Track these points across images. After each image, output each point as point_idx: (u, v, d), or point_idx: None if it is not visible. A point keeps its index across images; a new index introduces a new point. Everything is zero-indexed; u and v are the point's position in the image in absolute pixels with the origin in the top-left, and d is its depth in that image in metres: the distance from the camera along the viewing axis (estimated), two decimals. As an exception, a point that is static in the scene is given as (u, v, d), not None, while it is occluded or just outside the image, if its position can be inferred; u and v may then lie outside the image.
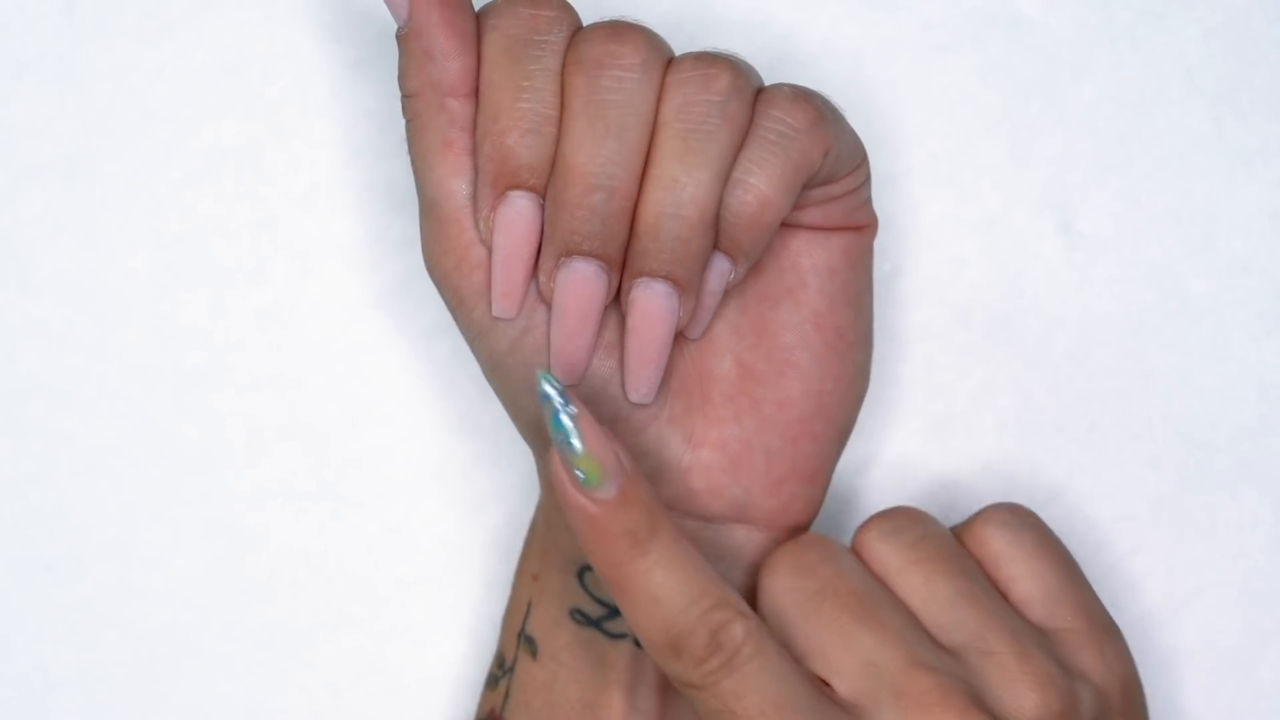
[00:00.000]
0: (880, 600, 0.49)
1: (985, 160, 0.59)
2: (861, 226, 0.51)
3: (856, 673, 0.48)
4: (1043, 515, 0.59)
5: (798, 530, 0.53)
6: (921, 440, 0.59)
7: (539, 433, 0.51)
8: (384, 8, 0.58)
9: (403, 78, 0.49)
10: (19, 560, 0.59)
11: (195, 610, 0.59)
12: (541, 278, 0.48)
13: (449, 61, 0.48)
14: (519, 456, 0.59)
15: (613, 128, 0.47)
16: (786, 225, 0.51)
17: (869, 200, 0.51)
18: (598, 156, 0.47)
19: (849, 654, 0.48)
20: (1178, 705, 0.59)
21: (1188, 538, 0.59)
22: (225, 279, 0.58)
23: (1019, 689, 0.48)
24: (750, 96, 0.48)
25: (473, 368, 0.59)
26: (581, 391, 0.50)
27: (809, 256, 0.51)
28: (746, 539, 0.52)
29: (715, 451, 0.51)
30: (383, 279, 0.59)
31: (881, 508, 0.59)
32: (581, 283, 0.48)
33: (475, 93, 0.48)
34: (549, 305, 0.49)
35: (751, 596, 0.52)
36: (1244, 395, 0.59)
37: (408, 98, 0.49)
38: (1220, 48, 0.58)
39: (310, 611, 0.59)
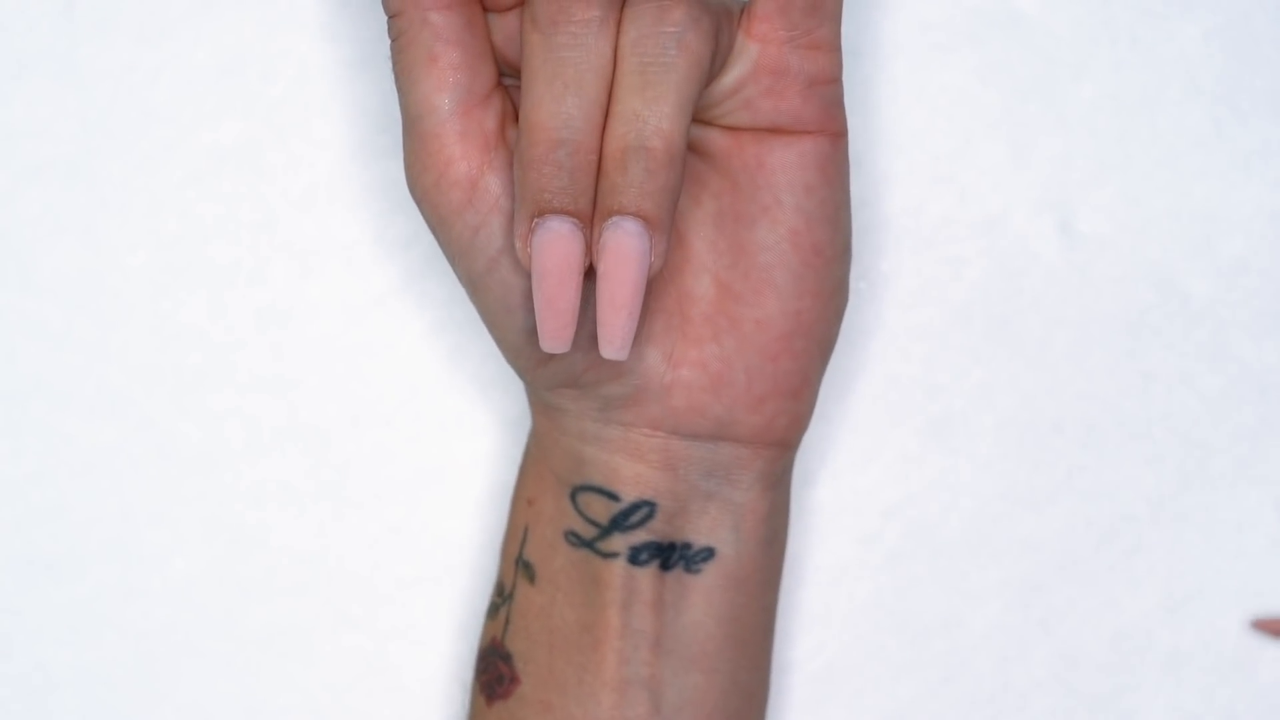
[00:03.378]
0: None
1: (985, 160, 0.59)
2: (835, 133, 0.51)
3: None
4: (1042, 515, 0.59)
5: (785, 446, 0.53)
6: (921, 440, 0.59)
7: (519, 354, 0.52)
8: (383, 8, 0.58)
9: (384, 1, 0.49)
10: (19, 560, 0.59)
11: (195, 610, 0.59)
12: (517, 243, 0.48)
13: None
14: (519, 456, 0.59)
15: (571, 84, 0.47)
16: (763, 132, 0.51)
17: (840, 102, 0.51)
18: (558, 113, 0.47)
19: None
20: (1178, 705, 0.59)
21: (1187, 538, 0.59)
22: (225, 279, 0.58)
23: None
24: (710, 26, 0.48)
25: (472, 367, 0.59)
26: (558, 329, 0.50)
27: (784, 173, 0.51)
28: (733, 455, 0.53)
29: (696, 370, 0.52)
30: (383, 279, 0.59)
31: (881, 508, 0.59)
32: (557, 241, 0.48)
33: (457, 1, 0.49)
34: (528, 270, 0.49)
35: (746, 508, 0.53)
36: (1244, 395, 0.59)
37: (391, 18, 0.49)
38: (1220, 48, 0.58)
39: (310, 611, 0.59)
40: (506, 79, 0.51)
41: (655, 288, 0.52)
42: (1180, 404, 0.59)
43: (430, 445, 0.59)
